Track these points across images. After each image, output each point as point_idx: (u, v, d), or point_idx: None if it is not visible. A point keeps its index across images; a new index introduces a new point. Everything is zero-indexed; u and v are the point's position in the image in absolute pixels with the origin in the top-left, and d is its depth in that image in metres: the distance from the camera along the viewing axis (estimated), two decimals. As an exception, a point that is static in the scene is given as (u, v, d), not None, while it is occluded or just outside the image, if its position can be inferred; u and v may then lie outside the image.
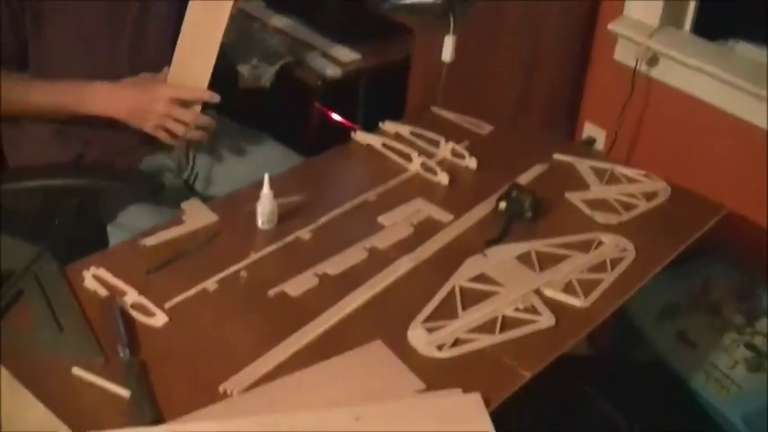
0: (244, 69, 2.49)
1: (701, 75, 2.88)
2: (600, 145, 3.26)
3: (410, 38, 2.58)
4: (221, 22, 2.11)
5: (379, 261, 1.86)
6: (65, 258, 1.79)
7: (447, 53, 2.54)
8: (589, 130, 3.30)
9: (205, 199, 2.09)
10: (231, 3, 2.08)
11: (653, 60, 3.02)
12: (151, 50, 2.25)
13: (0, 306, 1.63)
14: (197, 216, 1.96)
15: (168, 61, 2.17)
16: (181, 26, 2.17)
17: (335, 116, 2.48)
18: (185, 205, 2.00)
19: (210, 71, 2.12)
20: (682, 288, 2.65)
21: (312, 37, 2.68)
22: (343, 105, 2.65)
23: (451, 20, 2.52)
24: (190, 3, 2.12)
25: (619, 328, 2.63)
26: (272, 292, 1.73)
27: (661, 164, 2.75)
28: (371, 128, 2.35)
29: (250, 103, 2.53)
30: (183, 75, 2.16)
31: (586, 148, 2.91)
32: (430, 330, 1.65)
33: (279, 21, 2.78)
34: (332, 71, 2.46)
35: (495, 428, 1.45)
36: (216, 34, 2.11)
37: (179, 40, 2.16)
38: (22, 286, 1.69)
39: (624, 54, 3.11)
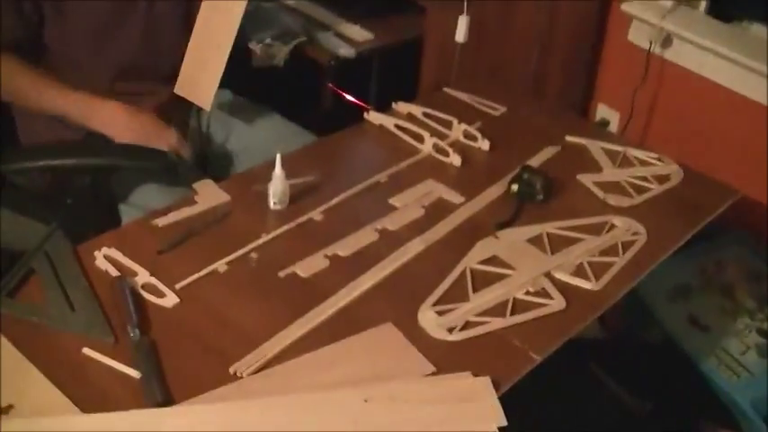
0: (257, 48, 2.48)
1: (714, 56, 2.86)
2: (613, 127, 3.25)
3: (423, 17, 2.56)
4: (234, 23, 2.11)
5: (390, 242, 1.85)
6: (77, 237, 1.80)
7: (460, 34, 2.53)
8: (602, 111, 3.29)
9: (218, 177, 2.09)
10: (244, 3, 2.08)
11: (667, 41, 3.01)
12: (164, 37, 2.25)
13: (11, 284, 1.64)
14: (209, 196, 1.96)
15: (175, 50, 2.18)
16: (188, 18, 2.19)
17: (348, 96, 2.47)
18: (197, 185, 2.00)
19: (221, 72, 2.13)
20: (694, 270, 2.65)
21: (326, 16, 2.67)
22: (357, 84, 2.64)
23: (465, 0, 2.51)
24: (203, 3, 2.12)
25: (630, 309, 2.63)
26: (282, 274, 1.73)
27: (675, 146, 2.74)
28: (384, 107, 2.34)
29: (263, 82, 2.53)
30: (195, 75, 2.17)
31: (599, 130, 2.89)
32: (440, 313, 1.65)
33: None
34: (345, 51, 2.46)
35: (505, 412, 1.45)
36: (228, 35, 2.12)
37: (191, 39, 2.16)
38: (33, 265, 1.70)
39: (638, 35, 3.09)
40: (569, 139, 2.30)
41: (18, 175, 2.19)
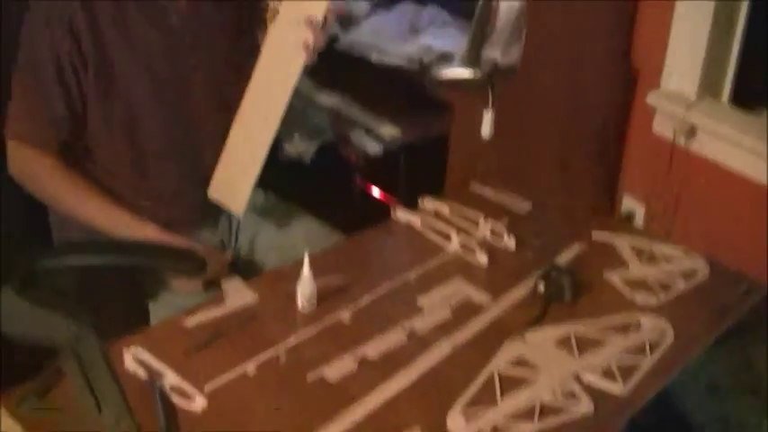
0: (286, 144, 2.51)
1: (739, 148, 2.87)
2: (639, 217, 3.25)
3: (449, 113, 2.59)
4: (269, 134, 2.14)
5: (418, 344, 1.86)
6: (106, 334, 1.81)
7: (486, 129, 2.55)
8: (628, 202, 3.30)
9: (247, 275, 2.11)
10: (281, 115, 2.12)
11: (691, 132, 3.02)
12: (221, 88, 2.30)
13: (40, 385, 1.65)
14: (238, 295, 1.98)
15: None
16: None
17: (376, 190, 2.50)
18: (226, 284, 2.02)
19: (255, 180, 2.16)
20: (723, 368, 2.63)
21: (354, 112, 2.71)
22: (384, 179, 2.67)
23: (490, 95, 2.54)
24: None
25: (658, 409, 2.60)
26: (310, 377, 1.74)
27: (701, 237, 2.74)
28: (412, 201, 2.36)
29: (291, 178, 2.56)
30: (229, 180, 2.20)
31: (625, 224, 2.90)
32: (469, 418, 1.65)
33: (321, 96, 2.81)
34: (373, 148, 2.48)
35: None
36: (263, 145, 2.15)
37: (226, 145, 2.20)
38: (62, 364, 1.71)
39: (662, 126, 3.11)
40: (596, 235, 2.30)
41: (48, 273, 2.21)
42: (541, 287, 2.02)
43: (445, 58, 2.72)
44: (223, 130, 2.21)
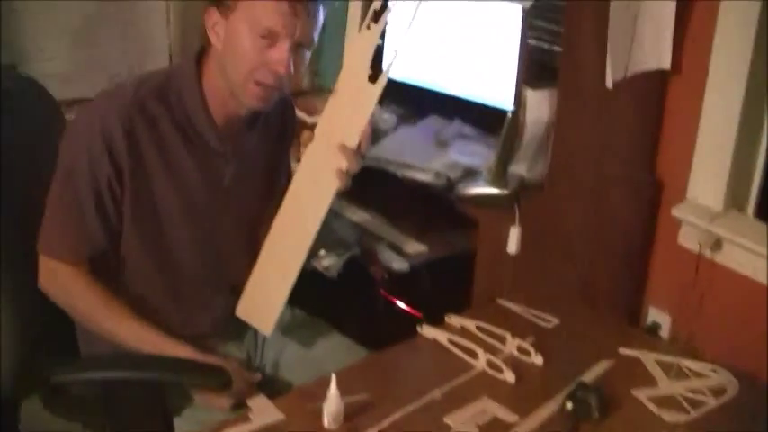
0: (312, 259, 2.53)
1: (765, 260, 2.87)
2: (665, 329, 3.24)
3: (475, 229, 2.61)
4: (301, 256, 2.17)
5: (446, 464, 1.85)
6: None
7: (512, 245, 2.57)
8: (653, 314, 3.29)
9: (272, 391, 2.11)
10: (312, 237, 2.14)
11: (717, 245, 3.02)
12: (227, 253, 2.32)
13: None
14: (263, 413, 1.97)
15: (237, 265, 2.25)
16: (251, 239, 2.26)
17: (401, 304, 2.50)
18: (252, 401, 2.01)
19: (285, 301, 2.18)
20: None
21: (380, 227, 2.73)
22: (409, 294, 2.68)
23: (516, 212, 2.56)
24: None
25: None
26: (336, 501, 1.73)
27: (728, 350, 2.72)
28: (437, 315, 2.36)
29: (316, 292, 2.57)
30: (257, 300, 2.23)
31: (652, 337, 2.89)
32: None
33: (347, 210, 2.83)
34: (399, 264, 2.49)
35: None
36: (294, 267, 2.18)
37: (257, 264, 2.23)
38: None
39: (688, 238, 3.11)
40: (623, 351, 2.29)
41: (73, 387, 2.22)
42: (569, 405, 2.01)
43: (471, 174, 2.75)
44: (248, 245, 2.27)
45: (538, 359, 2.21)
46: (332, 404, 1.90)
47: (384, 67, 2.06)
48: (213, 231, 2.28)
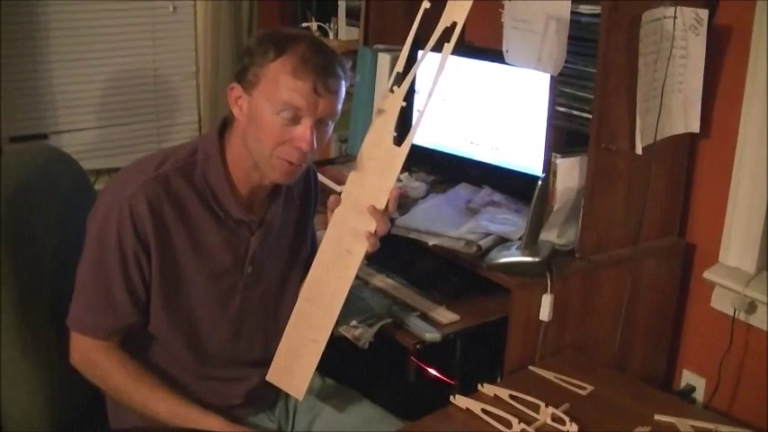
0: (342, 329, 2.53)
1: (801, 324, 2.85)
2: (699, 393, 3.21)
3: (507, 297, 2.60)
4: (331, 321, 2.17)
5: None
6: None
7: (545, 312, 2.57)
8: (687, 377, 3.26)
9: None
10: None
11: (751, 308, 3.00)
12: (255, 326, 2.33)
13: None
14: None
15: (265, 337, 2.28)
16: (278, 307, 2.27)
17: (433, 371, 2.49)
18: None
19: (315, 365, 2.19)
20: None
21: (411, 297, 2.72)
22: (441, 362, 2.67)
23: (548, 279, 2.56)
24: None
25: None
26: None
27: (763, 413, 2.70)
28: (470, 384, 2.35)
29: (348, 362, 2.57)
30: (288, 365, 2.24)
31: (686, 402, 2.86)
32: None
33: (379, 280, 2.83)
34: (431, 335, 2.47)
35: None
36: (324, 332, 2.19)
37: (286, 329, 2.25)
38: None
39: (721, 302, 3.09)
40: (658, 417, 2.28)
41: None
42: (606, 476, 2.00)
43: (502, 242, 2.75)
44: (275, 317, 2.32)
45: (573, 428, 2.20)
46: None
47: (411, 128, 2.09)
48: (240, 306, 2.29)
